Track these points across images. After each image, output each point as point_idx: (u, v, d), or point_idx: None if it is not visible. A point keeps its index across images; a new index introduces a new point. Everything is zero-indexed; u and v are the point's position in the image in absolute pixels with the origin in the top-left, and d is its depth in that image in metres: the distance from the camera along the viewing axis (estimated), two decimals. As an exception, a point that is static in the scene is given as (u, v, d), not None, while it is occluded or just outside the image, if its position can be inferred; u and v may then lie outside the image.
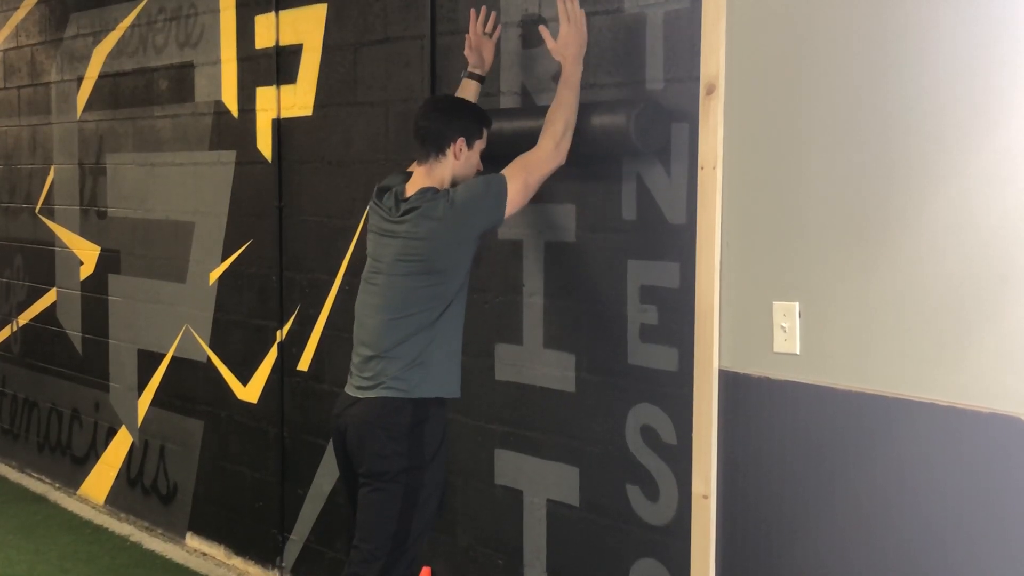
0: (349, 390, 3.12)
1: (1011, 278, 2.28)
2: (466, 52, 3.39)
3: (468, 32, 3.39)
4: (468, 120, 3.12)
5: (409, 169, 3.35)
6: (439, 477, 3.06)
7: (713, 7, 2.82)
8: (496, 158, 3.14)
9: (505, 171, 3.02)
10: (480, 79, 3.38)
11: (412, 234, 3.00)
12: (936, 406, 2.40)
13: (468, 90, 3.37)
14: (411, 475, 2.99)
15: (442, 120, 3.10)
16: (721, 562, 2.85)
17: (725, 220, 2.82)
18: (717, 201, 2.82)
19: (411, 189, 3.10)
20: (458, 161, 3.09)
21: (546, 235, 3.37)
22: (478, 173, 3.18)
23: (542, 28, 3.16)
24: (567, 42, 3.07)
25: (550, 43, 3.10)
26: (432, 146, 3.09)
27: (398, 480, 2.98)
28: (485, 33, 3.38)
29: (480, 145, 3.14)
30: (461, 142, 3.09)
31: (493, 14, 3.41)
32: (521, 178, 3.00)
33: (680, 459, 3.00)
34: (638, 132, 2.95)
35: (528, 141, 3.09)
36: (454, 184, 3.11)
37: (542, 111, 3.12)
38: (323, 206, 4.23)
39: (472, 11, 3.41)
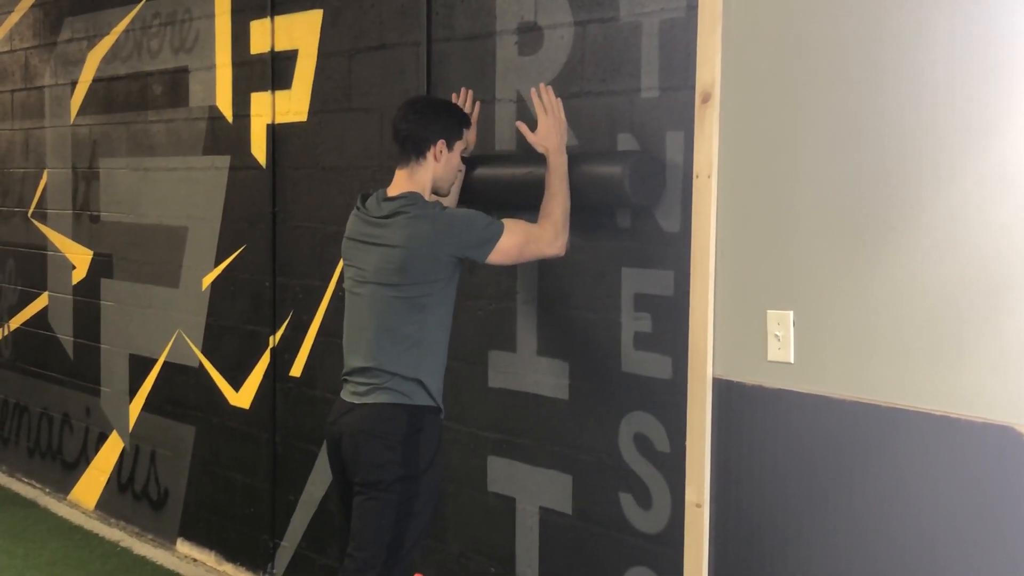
0: (345, 395, 3.11)
1: (1006, 288, 2.29)
2: None
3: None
4: (447, 122, 3.12)
5: None
6: (434, 486, 3.06)
7: (709, 15, 2.83)
8: (491, 203, 3.14)
9: (508, 223, 3.01)
10: (464, 161, 3.30)
11: (393, 241, 3.00)
12: (930, 415, 2.40)
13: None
14: (406, 484, 2.98)
15: (421, 123, 3.09)
16: (714, 571, 2.85)
17: (720, 228, 2.82)
18: (712, 209, 2.82)
19: (393, 192, 3.09)
20: (439, 163, 3.09)
21: (540, 242, 3.37)
22: (460, 175, 3.19)
23: (519, 124, 3.17)
24: (547, 134, 3.07)
25: (529, 136, 3.11)
26: (412, 149, 3.08)
27: (393, 489, 2.97)
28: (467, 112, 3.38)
29: (460, 146, 3.14)
30: (441, 144, 3.08)
31: (470, 92, 3.41)
32: (520, 240, 3.00)
33: (673, 467, 3.00)
34: (632, 186, 2.94)
35: (525, 187, 3.12)
36: (436, 186, 3.12)
37: (537, 159, 3.11)
38: (317, 212, 4.22)
39: (453, 95, 3.43)
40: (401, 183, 3.10)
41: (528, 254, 3.04)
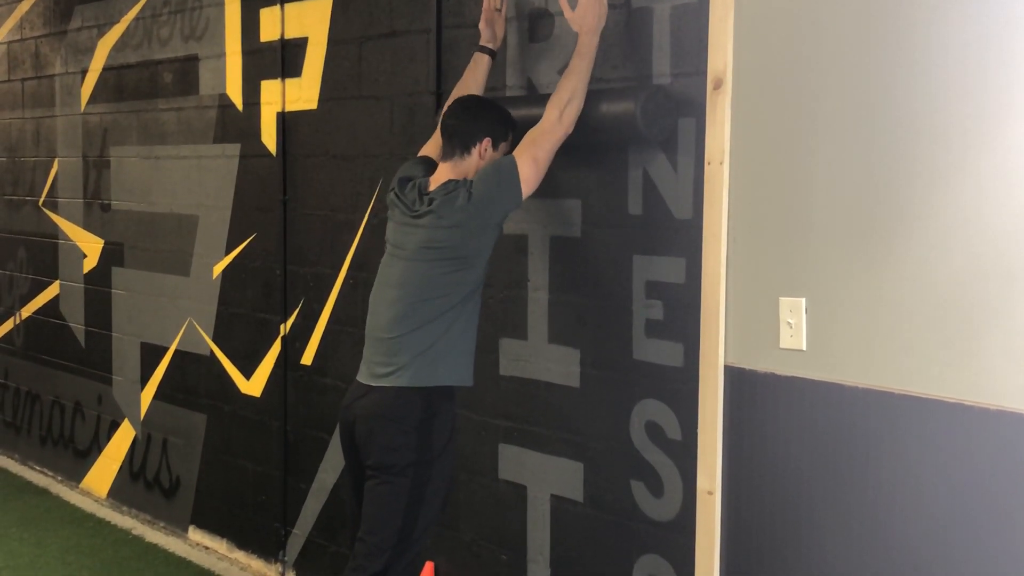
0: (362, 378, 3.12)
1: (1019, 275, 2.27)
2: (481, 25, 3.39)
3: (483, 6, 3.40)
4: (495, 121, 3.13)
5: (422, 153, 3.36)
6: (447, 472, 3.06)
7: (721, 1, 2.81)
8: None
9: (515, 153, 3.02)
10: (492, 53, 3.39)
11: (437, 224, 3.01)
12: (943, 403, 2.39)
13: (480, 64, 3.38)
14: (419, 469, 2.99)
15: (470, 120, 3.11)
16: (726, 558, 2.85)
17: (732, 215, 2.81)
18: (724, 196, 2.81)
19: (435, 184, 3.11)
20: (482, 160, 3.10)
21: (551, 230, 3.36)
22: None
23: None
24: (585, 12, 3.05)
25: (567, 12, 3.09)
26: (459, 144, 3.10)
27: (405, 474, 2.98)
28: (496, 9, 3.39)
29: (505, 147, 3.15)
30: (487, 142, 3.09)
31: None
32: (529, 155, 3.00)
33: (685, 455, 3.00)
34: (645, 120, 2.94)
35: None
36: None
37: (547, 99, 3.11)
38: (328, 200, 4.22)
39: None
40: (444, 175, 3.11)
41: (544, 157, 3.02)
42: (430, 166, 3.23)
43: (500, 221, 3.04)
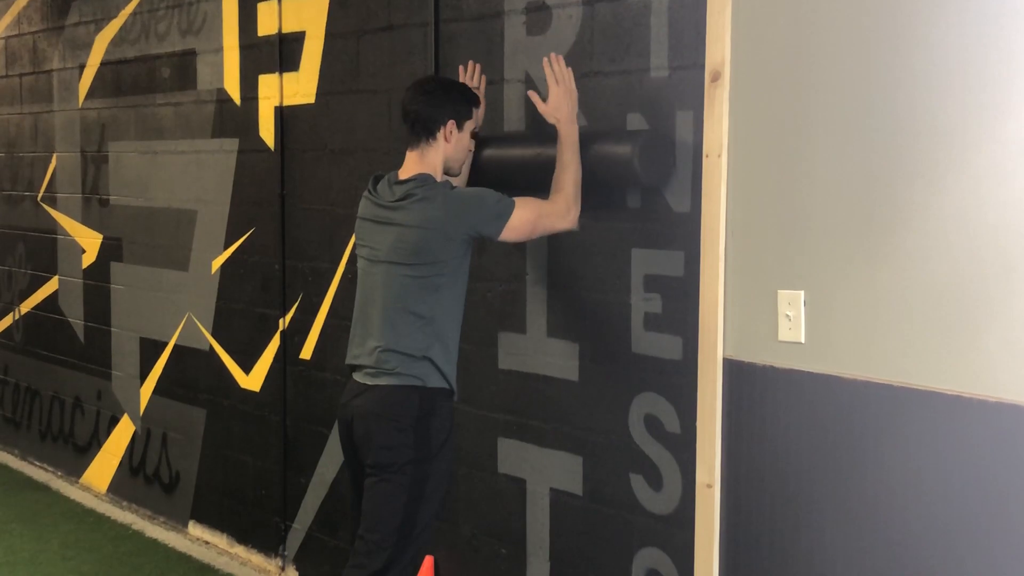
0: (358, 376, 3.11)
1: (1017, 268, 2.27)
2: None
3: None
4: (457, 102, 3.11)
5: None
6: (446, 469, 3.06)
7: (719, -6, 2.81)
8: (503, 184, 3.13)
9: (519, 199, 3.01)
10: (475, 135, 3.25)
11: (407, 221, 2.99)
12: (942, 395, 2.39)
13: None
14: (417, 467, 2.98)
15: (430, 104, 3.08)
16: (725, 551, 2.85)
17: (730, 209, 2.80)
18: (722, 189, 2.81)
19: (404, 174, 3.09)
20: (449, 144, 3.08)
21: (550, 223, 3.36)
22: (470, 155, 3.21)
23: (531, 93, 3.16)
24: (558, 104, 3.06)
25: (540, 107, 3.10)
26: (422, 131, 3.08)
27: (404, 471, 2.97)
28: (474, 87, 3.36)
29: (470, 126, 3.13)
30: (451, 125, 3.08)
31: (478, 66, 3.40)
32: (532, 215, 2.99)
33: (684, 448, 3.00)
34: (643, 167, 2.93)
35: (535, 167, 3.11)
36: (447, 167, 3.11)
37: (548, 138, 3.10)
38: (326, 194, 4.22)
39: (460, 67, 3.41)
40: (412, 165, 3.09)
41: (540, 229, 3.03)
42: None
43: (465, 237, 2.99)
